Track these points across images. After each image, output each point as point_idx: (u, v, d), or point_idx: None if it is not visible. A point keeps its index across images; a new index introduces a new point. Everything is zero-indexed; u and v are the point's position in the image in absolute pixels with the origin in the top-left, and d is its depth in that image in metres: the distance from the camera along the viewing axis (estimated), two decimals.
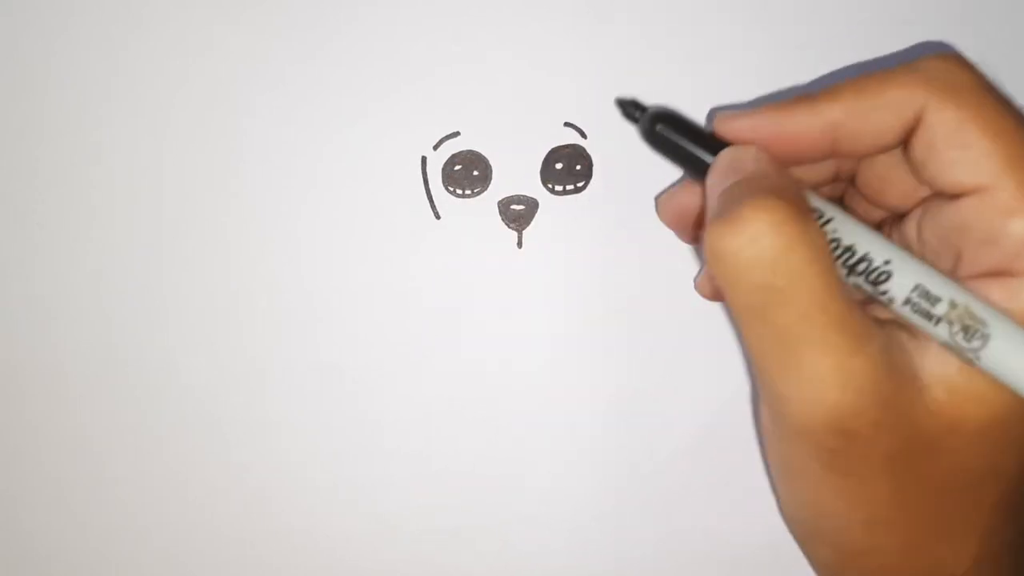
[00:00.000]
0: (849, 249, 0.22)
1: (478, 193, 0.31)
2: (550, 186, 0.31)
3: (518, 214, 0.31)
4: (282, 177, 0.31)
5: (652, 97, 0.31)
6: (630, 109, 0.26)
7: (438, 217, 0.31)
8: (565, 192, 0.31)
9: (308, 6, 0.31)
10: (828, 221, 0.22)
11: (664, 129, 0.25)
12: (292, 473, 0.32)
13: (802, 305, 0.20)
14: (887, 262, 0.21)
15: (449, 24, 0.31)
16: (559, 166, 0.31)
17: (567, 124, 0.31)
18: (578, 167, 0.31)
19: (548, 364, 0.31)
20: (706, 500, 0.31)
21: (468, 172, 0.31)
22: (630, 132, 0.31)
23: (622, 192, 0.31)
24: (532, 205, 0.31)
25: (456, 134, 0.31)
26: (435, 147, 0.31)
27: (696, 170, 0.25)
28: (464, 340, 0.31)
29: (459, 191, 0.31)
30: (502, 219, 0.31)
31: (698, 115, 0.31)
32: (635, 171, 0.31)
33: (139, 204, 0.31)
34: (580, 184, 0.31)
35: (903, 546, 0.23)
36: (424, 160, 0.31)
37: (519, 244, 0.31)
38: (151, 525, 0.32)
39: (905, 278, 0.21)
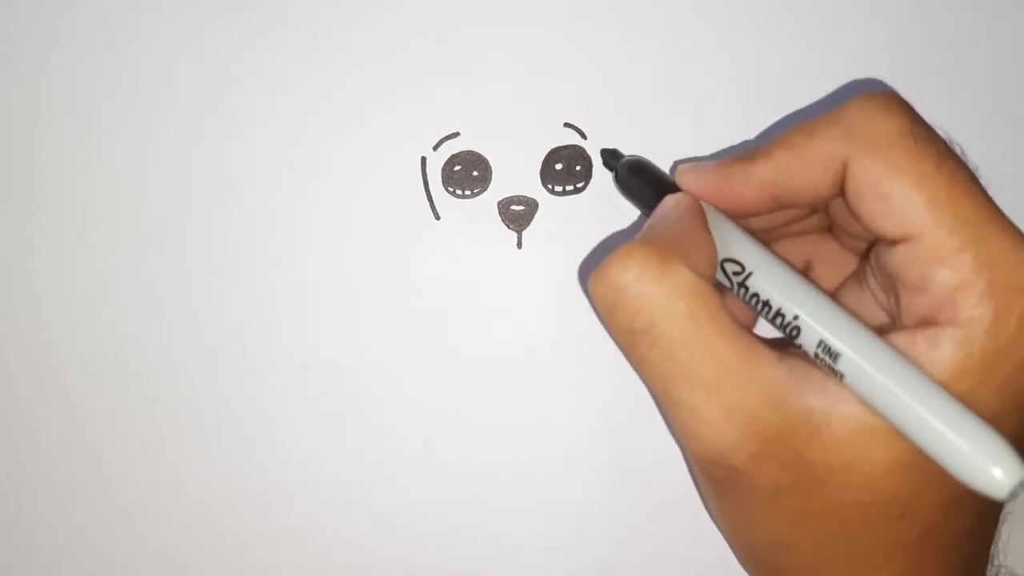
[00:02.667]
0: (767, 304, 0.23)
1: (478, 194, 0.31)
2: (550, 187, 0.31)
3: (518, 215, 0.31)
4: (282, 178, 0.31)
5: (651, 97, 0.31)
6: (608, 158, 0.29)
7: (438, 218, 0.31)
8: (565, 193, 0.31)
9: (308, 7, 0.31)
10: (748, 276, 0.23)
11: (634, 177, 0.27)
12: (292, 473, 0.32)
13: (668, 346, 0.21)
14: (795, 317, 0.22)
15: (449, 25, 0.31)
16: (559, 167, 0.31)
17: (567, 125, 0.31)
18: (578, 168, 0.31)
19: (547, 364, 0.31)
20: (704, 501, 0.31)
21: (468, 173, 0.31)
22: (629, 133, 0.31)
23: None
24: (532, 206, 0.31)
25: (456, 135, 0.31)
26: (435, 148, 0.31)
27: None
28: (463, 340, 0.31)
29: (459, 192, 0.31)
30: (502, 220, 0.31)
31: (698, 115, 0.31)
32: None
33: (139, 205, 0.31)
34: (580, 185, 0.31)
35: (813, 572, 0.23)
36: (424, 160, 0.31)
37: (519, 244, 0.31)
38: (151, 525, 0.32)
39: (811, 334, 0.22)
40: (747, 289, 0.24)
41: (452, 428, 0.31)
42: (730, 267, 0.24)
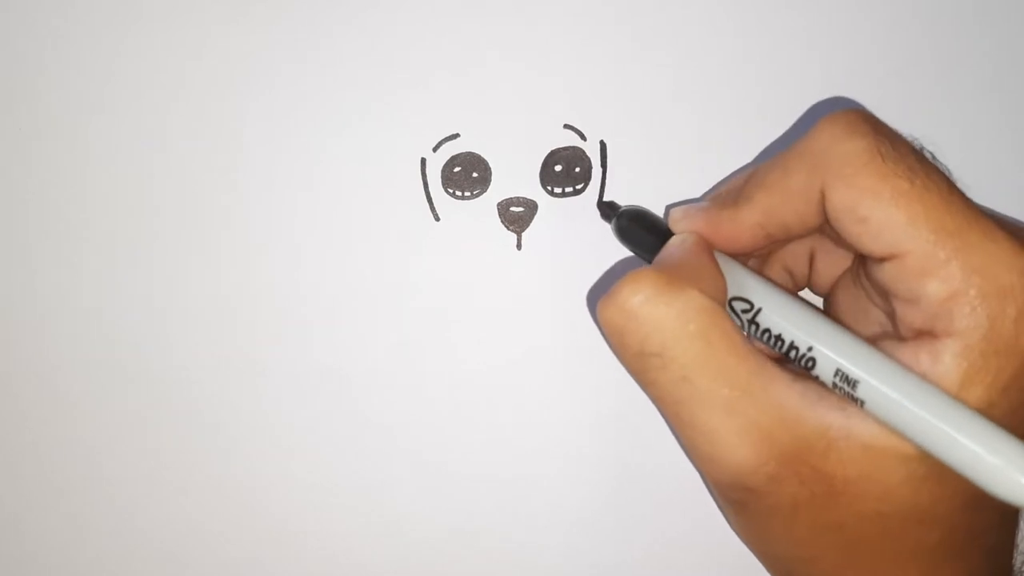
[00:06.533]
0: (779, 338, 0.23)
1: (477, 195, 0.31)
2: (549, 188, 0.31)
3: (517, 216, 0.31)
4: (282, 179, 0.31)
5: (651, 99, 0.31)
6: (606, 210, 0.29)
7: (437, 219, 0.31)
8: (564, 194, 0.31)
9: (308, 7, 0.31)
10: (757, 312, 0.23)
11: (635, 226, 0.27)
12: (292, 474, 0.32)
13: (680, 368, 0.21)
14: (810, 348, 0.22)
15: (449, 26, 0.31)
16: (558, 168, 0.31)
17: (566, 126, 0.31)
18: (577, 169, 0.31)
19: (546, 365, 0.31)
20: (704, 501, 0.31)
21: (467, 174, 0.31)
22: (629, 134, 0.31)
23: (621, 194, 0.31)
24: (531, 207, 0.31)
25: (456, 136, 0.31)
26: (435, 149, 0.31)
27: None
28: (463, 341, 0.31)
29: (458, 193, 0.31)
30: (501, 221, 0.31)
31: (697, 115, 0.31)
32: (634, 173, 0.31)
33: (138, 206, 0.31)
34: (579, 186, 0.31)
35: None
36: (424, 162, 0.31)
37: (518, 246, 0.31)
38: (151, 525, 0.32)
39: (827, 364, 0.22)
40: (758, 325, 0.24)
41: (451, 429, 0.32)
42: (739, 305, 0.24)
